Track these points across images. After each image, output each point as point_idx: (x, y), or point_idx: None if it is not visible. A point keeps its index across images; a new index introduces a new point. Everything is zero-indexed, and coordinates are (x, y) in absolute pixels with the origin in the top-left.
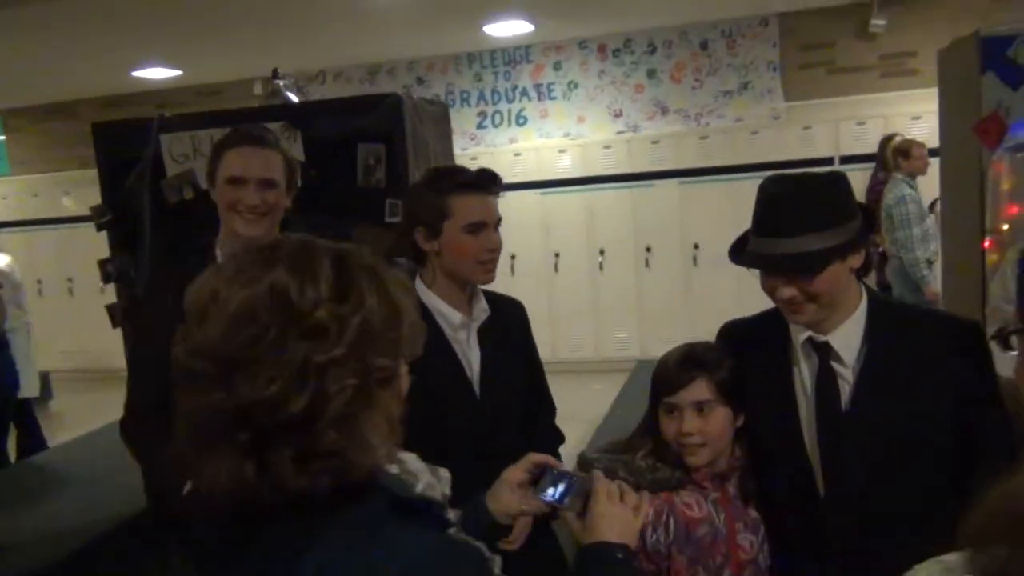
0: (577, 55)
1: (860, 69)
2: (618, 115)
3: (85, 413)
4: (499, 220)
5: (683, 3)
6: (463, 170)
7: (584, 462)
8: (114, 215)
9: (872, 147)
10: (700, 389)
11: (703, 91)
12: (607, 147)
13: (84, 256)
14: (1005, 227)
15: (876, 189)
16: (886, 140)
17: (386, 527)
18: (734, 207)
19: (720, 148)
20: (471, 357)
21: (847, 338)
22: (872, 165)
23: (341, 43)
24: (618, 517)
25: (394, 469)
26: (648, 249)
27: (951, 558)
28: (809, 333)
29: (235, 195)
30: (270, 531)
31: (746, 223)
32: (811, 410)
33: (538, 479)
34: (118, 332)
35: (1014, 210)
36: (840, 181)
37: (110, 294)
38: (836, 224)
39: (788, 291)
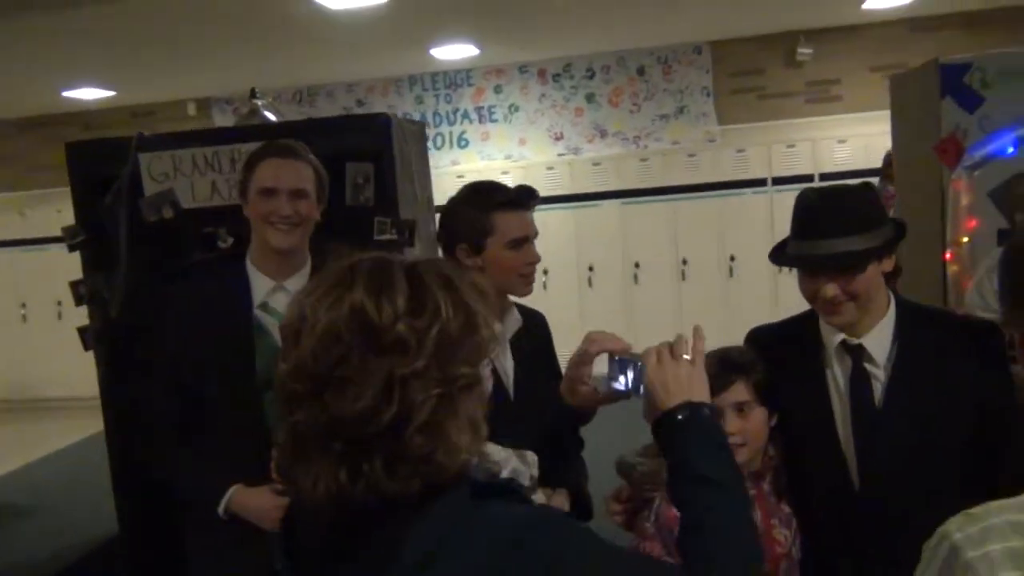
0: (518, 79)
1: (787, 95)
2: (559, 138)
3: (7, 444)
4: (536, 233)
5: (620, 30)
6: (503, 187)
7: (624, 466)
8: (88, 235)
9: (801, 169)
10: (739, 391)
11: (640, 115)
12: (550, 168)
13: (2, 282)
14: (965, 239)
15: (889, 203)
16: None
17: (471, 510)
18: (674, 226)
19: (660, 169)
20: (506, 366)
21: (879, 340)
22: (801, 186)
23: (279, 65)
24: (670, 376)
25: (474, 460)
26: (591, 268)
27: (977, 509)
28: (843, 336)
29: (268, 206)
30: (366, 536)
31: (686, 241)
32: (845, 408)
33: None
34: (42, 361)
35: (972, 224)
36: (871, 190)
37: (33, 322)
38: (872, 227)
39: (831, 289)
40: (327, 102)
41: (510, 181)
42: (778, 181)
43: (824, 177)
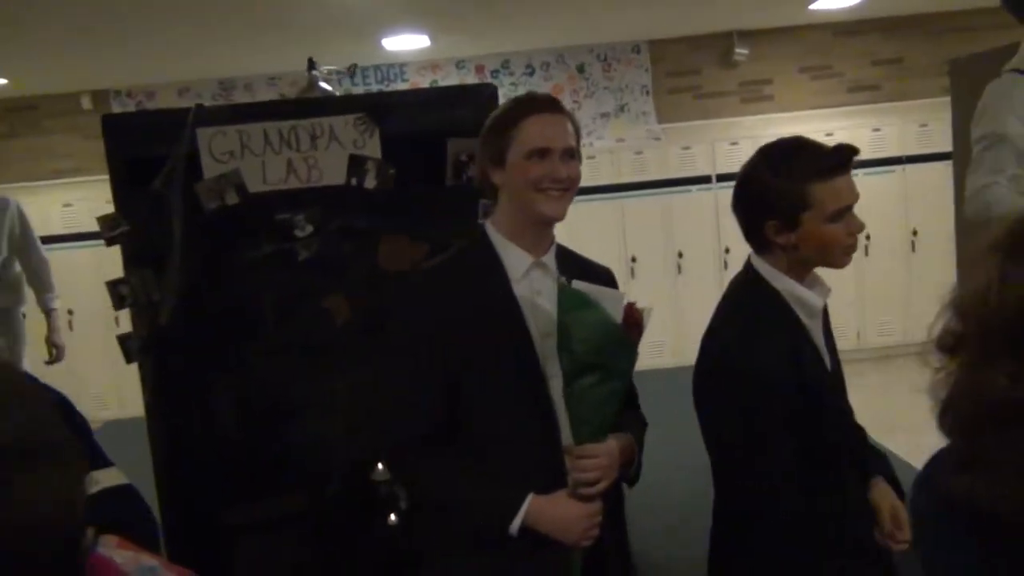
0: (454, 74)
1: (722, 94)
2: None
3: None
4: (858, 198)
5: (560, 26)
6: (820, 150)
7: None
8: (131, 226)
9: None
10: None
11: (582, 112)
12: None
13: None
14: None
15: None
16: None
17: None
18: (622, 224)
19: (607, 167)
20: (819, 341)
21: None
22: None
23: (194, 55)
24: None
25: None
26: None
27: None
28: None
29: (541, 169)
30: None
31: (634, 239)
32: None
33: None
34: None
35: None
36: None
37: None
38: None
39: None
40: (245, 94)
41: None
42: (722, 178)
43: None
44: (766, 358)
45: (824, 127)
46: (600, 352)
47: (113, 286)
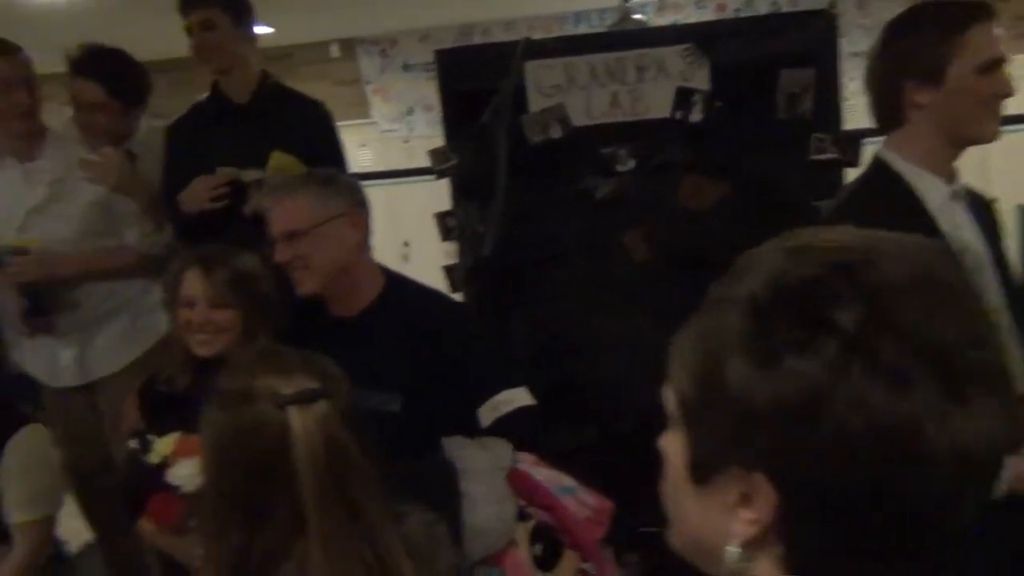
0: (694, 14)
1: None
2: None
3: None
4: None
5: None
6: None
7: None
8: (460, 159)
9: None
10: None
11: None
12: None
13: None
14: None
15: None
16: None
17: None
18: None
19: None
20: None
21: None
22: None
23: (435, 2)
24: None
25: None
26: None
27: None
28: None
29: (994, 85)
30: None
31: None
32: None
33: None
34: None
35: None
36: None
37: None
38: None
39: None
40: (483, 41)
41: None
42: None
43: None
44: None
45: None
46: None
47: (441, 218)
